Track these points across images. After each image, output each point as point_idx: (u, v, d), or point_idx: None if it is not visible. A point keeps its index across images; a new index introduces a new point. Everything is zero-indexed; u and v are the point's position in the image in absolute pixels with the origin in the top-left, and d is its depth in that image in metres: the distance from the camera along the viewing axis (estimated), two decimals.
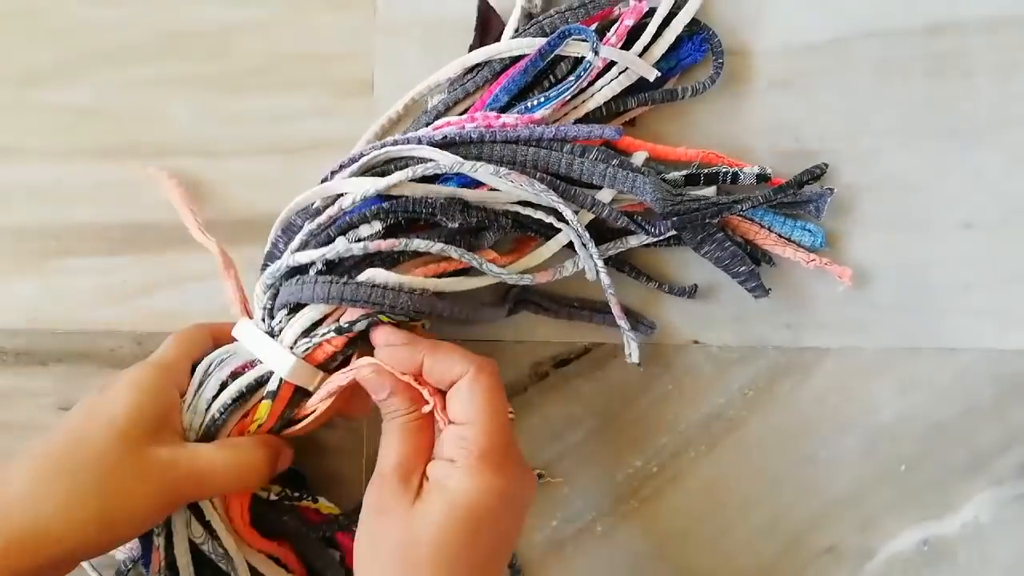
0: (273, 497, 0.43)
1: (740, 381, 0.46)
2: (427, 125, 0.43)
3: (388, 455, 0.37)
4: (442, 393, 0.38)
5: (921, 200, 0.45)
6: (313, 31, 0.47)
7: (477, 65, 0.43)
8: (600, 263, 0.41)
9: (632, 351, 0.43)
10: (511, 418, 0.38)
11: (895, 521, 0.45)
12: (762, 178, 0.43)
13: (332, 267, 0.40)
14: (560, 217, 0.41)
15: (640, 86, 0.44)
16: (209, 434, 0.40)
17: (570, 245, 0.42)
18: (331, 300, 0.38)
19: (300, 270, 0.40)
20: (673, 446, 0.46)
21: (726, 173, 0.43)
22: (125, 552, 0.43)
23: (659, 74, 0.43)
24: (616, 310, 0.42)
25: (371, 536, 0.36)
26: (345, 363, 0.40)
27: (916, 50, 0.45)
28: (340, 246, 0.39)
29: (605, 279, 0.41)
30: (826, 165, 0.44)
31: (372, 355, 0.39)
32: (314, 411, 0.40)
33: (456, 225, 0.39)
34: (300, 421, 0.41)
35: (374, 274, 0.39)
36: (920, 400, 0.45)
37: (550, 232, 0.42)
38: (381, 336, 0.39)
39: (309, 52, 0.46)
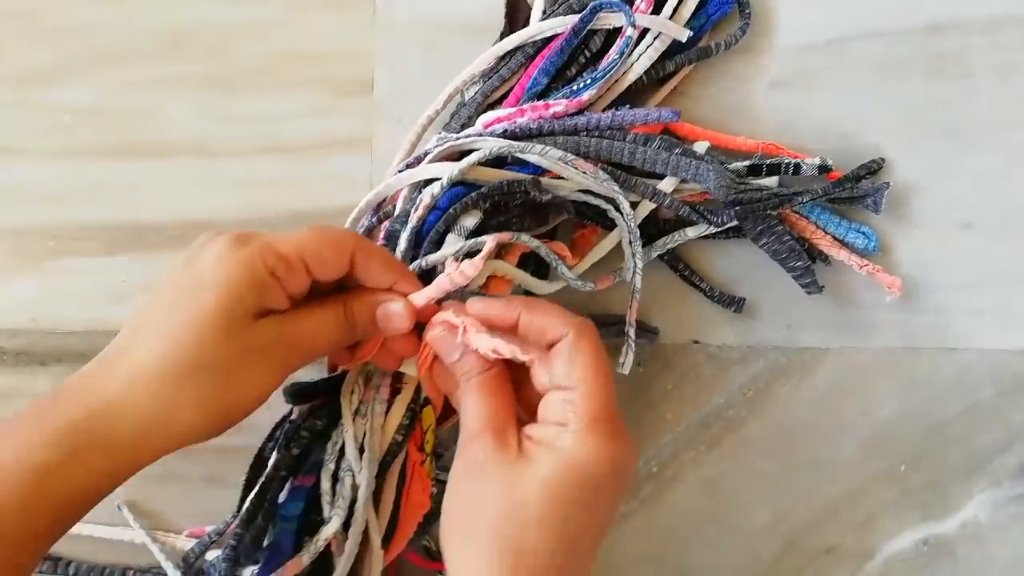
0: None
1: (740, 381, 0.46)
2: (469, 118, 0.44)
3: (475, 414, 0.35)
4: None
5: (921, 200, 0.45)
6: (313, 31, 0.47)
7: (508, 52, 0.44)
8: (640, 264, 0.41)
9: (627, 362, 0.42)
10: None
11: (895, 521, 0.45)
12: (823, 169, 0.43)
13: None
14: (618, 208, 0.41)
15: (674, 49, 0.44)
16: (391, 455, 0.40)
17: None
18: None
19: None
20: (673, 446, 0.46)
21: (788, 164, 0.43)
22: (192, 541, 0.44)
23: (691, 34, 0.43)
24: (631, 317, 0.42)
25: (466, 496, 0.34)
26: None
27: (916, 50, 0.45)
28: (458, 244, 0.39)
29: (638, 282, 0.42)
30: (883, 160, 0.44)
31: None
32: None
33: (548, 198, 0.39)
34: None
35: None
36: (920, 400, 0.45)
37: (606, 221, 0.42)
38: (477, 303, 0.38)
39: (309, 52, 0.46)
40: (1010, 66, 0.45)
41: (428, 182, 0.41)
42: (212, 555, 0.43)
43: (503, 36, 0.44)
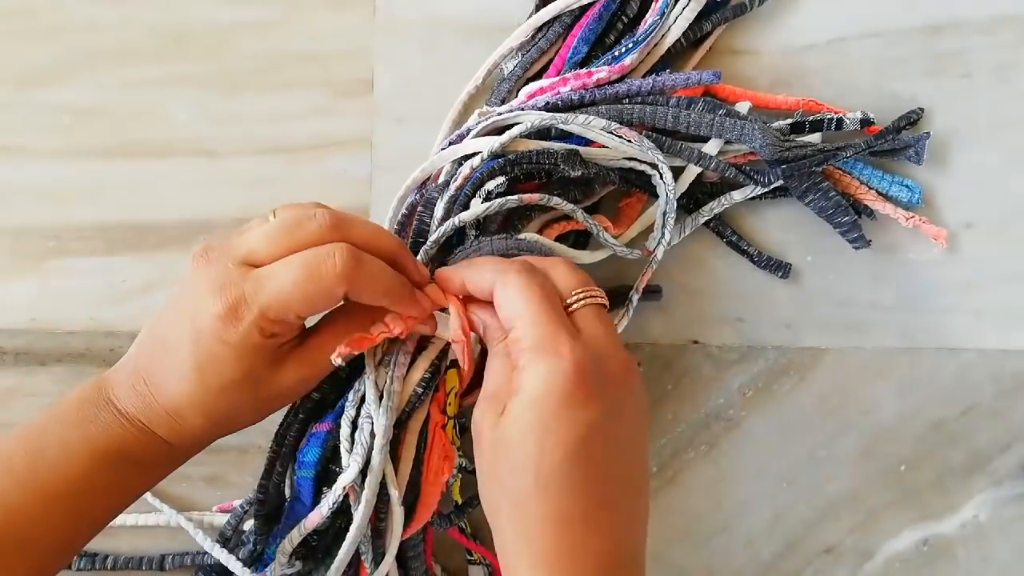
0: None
1: (740, 381, 0.46)
2: (509, 92, 0.44)
3: (484, 383, 0.36)
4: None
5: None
6: (313, 31, 0.47)
7: (544, 23, 0.44)
8: (668, 237, 0.42)
9: (621, 324, 0.43)
10: (595, 303, 0.35)
11: (895, 521, 0.45)
12: (865, 123, 0.43)
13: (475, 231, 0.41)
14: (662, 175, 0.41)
15: (709, 8, 0.44)
16: (410, 406, 0.39)
17: (680, 207, 0.43)
18: (507, 252, 0.39)
19: (451, 243, 0.40)
20: (673, 446, 0.46)
21: (830, 120, 0.43)
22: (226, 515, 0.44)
23: None
24: (640, 284, 0.43)
25: (478, 463, 0.35)
26: None
27: (916, 50, 0.45)
28: (482, 206, 0.39)
29: (660, 253, 0.42)
30: (922, 110, 0.44)
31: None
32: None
33: (578, 174, 0.40)
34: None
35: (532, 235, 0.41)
36: (920, 400, 0.45)
37: (653, 187, 0.42)
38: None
39: (309, 52, 0.46)
40: (1009, 66, 0.45)
41: (470, 157, 0.41)
42: (247, 526, 0.43)
43: (537, 8, 0.44)
